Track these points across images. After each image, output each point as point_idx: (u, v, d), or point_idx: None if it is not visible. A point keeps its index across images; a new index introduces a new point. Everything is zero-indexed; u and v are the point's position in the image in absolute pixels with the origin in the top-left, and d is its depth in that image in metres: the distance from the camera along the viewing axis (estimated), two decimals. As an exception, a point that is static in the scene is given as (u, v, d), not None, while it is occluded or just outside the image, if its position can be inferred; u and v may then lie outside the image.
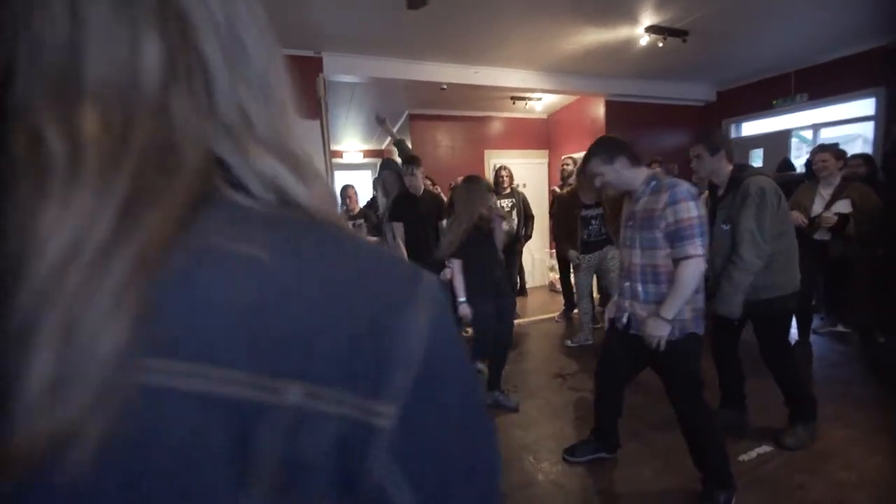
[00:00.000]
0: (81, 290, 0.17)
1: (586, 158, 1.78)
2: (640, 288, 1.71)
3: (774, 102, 4.89)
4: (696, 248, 1.55)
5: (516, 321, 4.14)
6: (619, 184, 1.75)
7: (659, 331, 1.63)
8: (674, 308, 1.60)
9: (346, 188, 4.08)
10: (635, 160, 1.73)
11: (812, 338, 3.49)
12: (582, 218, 3.58)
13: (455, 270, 2.52)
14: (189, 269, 0.20)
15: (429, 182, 4.37)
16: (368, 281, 0.23)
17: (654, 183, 1.68)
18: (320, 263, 0.22)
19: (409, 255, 3.21)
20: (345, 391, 0.21)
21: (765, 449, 2.20)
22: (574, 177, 4.31)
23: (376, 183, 3.57)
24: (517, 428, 2.53)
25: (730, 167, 2.12)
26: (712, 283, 2.11)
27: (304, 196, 0.25)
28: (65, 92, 0.19)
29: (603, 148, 1.74)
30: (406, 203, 3.22)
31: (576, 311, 4.53)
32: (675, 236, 1.58)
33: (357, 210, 4.02)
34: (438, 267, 2.56)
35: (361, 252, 0.24)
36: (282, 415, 0.19)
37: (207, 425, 0.19)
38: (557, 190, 4.52)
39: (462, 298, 2.51)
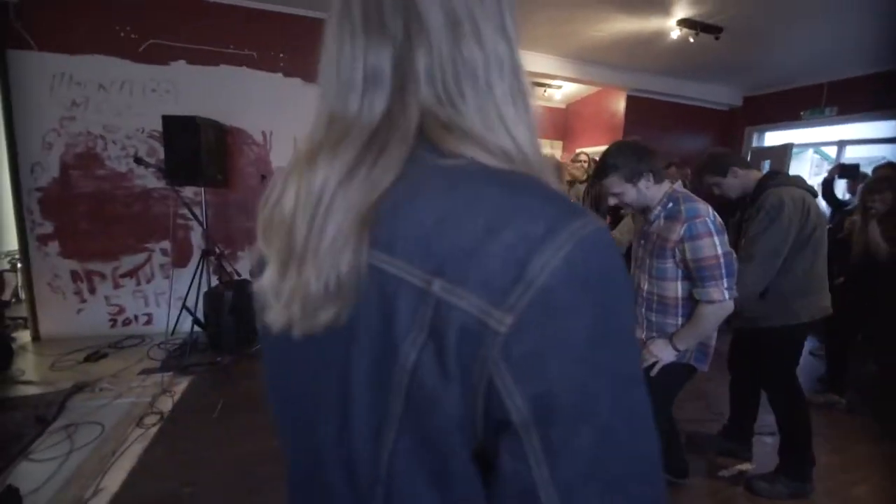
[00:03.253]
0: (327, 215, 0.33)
1: (604, 172, 1.50)
2: (643, 313, 1.60)
3: (803, 114, 4.71)
4: (722, 293, 1.38)
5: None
6: (638, 204, 1.53)
7: (662, 354, 1.51)
8: (688, 341, 1.49)
9: None
10: (659, 175, 1.50)
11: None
12: None
13: None
14: (400, 199, 0.32)
15: None
16: (513, 214, 0.29)
17: (670, 206, 1.48)
18: (477, 198, 0.30)
19: None
20: (471, 293, 0.28)
21: (747, 466, 2.17)
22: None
23: None
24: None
25: (757, 175, 1.91)
26: None
27: (486, 159, 0.34)
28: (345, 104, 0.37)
29: (626, 162, 1.47)
30: None
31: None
32: (697, 275, 1.41)
33: None
34: None
35: (518, 189, 0.31)
36: (430, 297, 0.29)
37: (395, 292, 0.30)
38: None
39: None
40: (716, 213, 1.44)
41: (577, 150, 4.52)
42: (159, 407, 2.32)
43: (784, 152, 4.68)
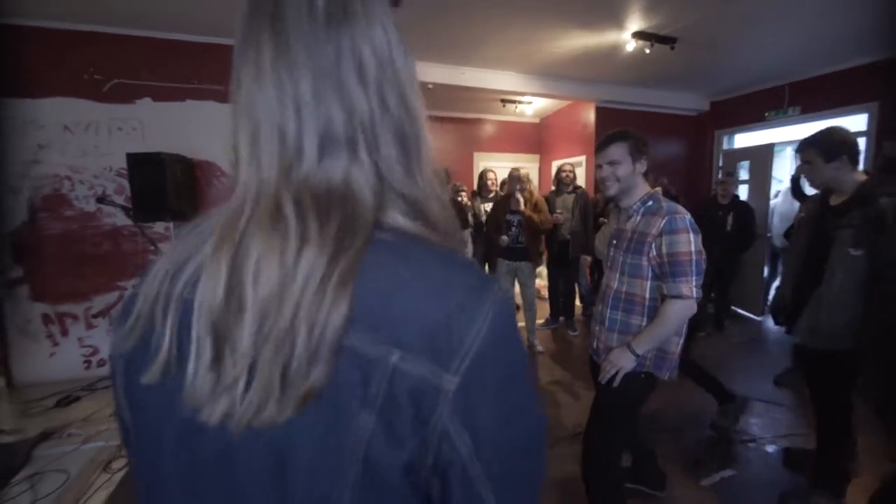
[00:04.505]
0: (315, 302, 0.32)
1: (612, 138, 1.55)
2: (608, 314, 1.57)
3: (767, 115, 4.82)
4: (690, 289, 1.39)
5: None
6: (624, 185, 1.54)
7: (622, 362, 1.47)
8: (648, 343, 1.45)
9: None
10: (647, 173, 1.57)
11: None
12: (506, 221, 3.58)
13: None
14: (358, 278, 0.33)
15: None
16: (450, 288, 0.35)
17: (650, 203, 1.50)
18: (420, 272, 0.35)
19: None
20: (425, 360, 0.33)
21: (729, 472, 2.14)
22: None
23: None
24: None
25: (861, 176, 1.75)
26: (784, 304, 1.91)
27: (413, 228, 0.38)
28: (290, 172, 0.36)
29: (634, 139, 1.53)
30: None
31: (562, 318, 4.46)
32: (669, 270, 1.41)
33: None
34: None
35: (448, 264, 0.37)
36: (386, 366, 0.32)
37: (350, 364, 0.32)
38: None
39: None
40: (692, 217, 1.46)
41: (562, 162, 4.56)
42: (127, 450, 2.26)
43: (767, 153, 4.70)
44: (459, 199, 4.15)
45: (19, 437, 2.43)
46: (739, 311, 4.91)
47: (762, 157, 4.79)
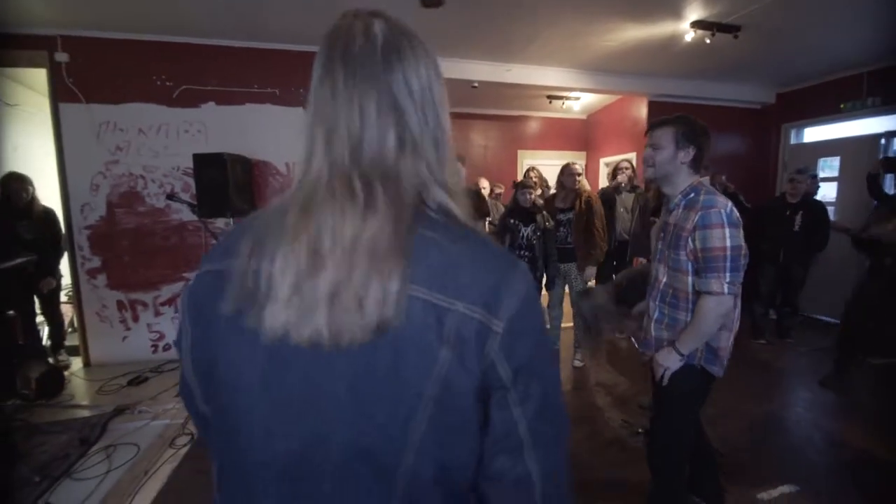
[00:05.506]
0: (381, 264, 0.43)
1: (663, 121, 1.53)
2: (657, 306, 1.58)
3: (843, 106, 4.42)
4: (721, 285, 1.36)
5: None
6: (660, 171, 1.52)
7: (668, 361, 1.49)
8: (691, 343, 1.45)
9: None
10: (698, 165, 1.51)
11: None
12: (556, 221, 3.40)
13: None
14: (416, 248, 0.45)
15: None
16: (496, 264, 0.48)
17: (691, 195, 1.48)
18: (472, 248, 0.48)
19: None
20: (481, 309, 0.45)
21: (790, 489, 1.99)
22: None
23: None
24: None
25: None
26: None
27: (456, 210, 0.50)
28: (358, 161, 0.47)
29: (688, 124, 1.49)
30: None
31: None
32: (702, 266, 1.40)
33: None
34: None
35: (489, 245, 0.50)
36: (455, 314, 0.44)
37: (426, 313, 0.43)
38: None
39: None
40: (734, 208, 1.42)
41: (620, 158, 4.41)
42: (190, 428, 2.43)
43: (869, 145, 4.17)
44: (481, 190, 4.27)
45: (96, 411, 2.68)
46: (827, 319, 4.44)
47: (862, 151, 4.25)
